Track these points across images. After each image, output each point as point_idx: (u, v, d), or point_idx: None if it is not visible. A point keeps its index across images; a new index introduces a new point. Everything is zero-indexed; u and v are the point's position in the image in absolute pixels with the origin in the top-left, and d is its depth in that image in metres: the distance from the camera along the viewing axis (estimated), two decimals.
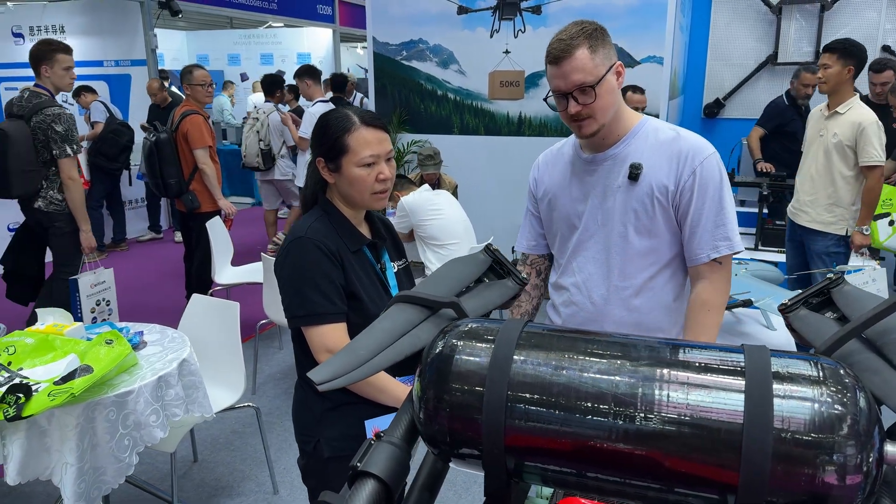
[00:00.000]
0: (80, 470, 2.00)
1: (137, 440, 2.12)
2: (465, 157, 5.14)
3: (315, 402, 1.66)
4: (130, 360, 2.20)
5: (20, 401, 1.90)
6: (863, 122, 3.41)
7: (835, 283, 1.06)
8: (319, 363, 0.86)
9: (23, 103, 3.65)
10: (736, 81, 6.81)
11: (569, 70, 1.55)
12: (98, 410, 2.02)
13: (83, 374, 2.01)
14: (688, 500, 0.73)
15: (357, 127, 1.54)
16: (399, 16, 5.29)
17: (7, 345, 2.19)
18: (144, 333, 2.51)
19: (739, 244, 1.68)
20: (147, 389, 2.12)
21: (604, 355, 0.78)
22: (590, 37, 1.57)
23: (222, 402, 2.65)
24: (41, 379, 2.06)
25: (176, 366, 2.25)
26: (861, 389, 0.70)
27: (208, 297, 2.88)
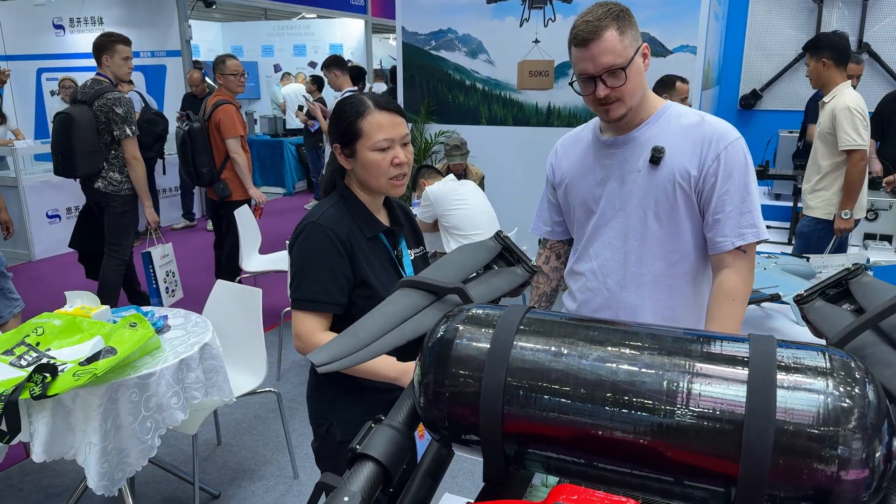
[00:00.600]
0: (104, 450, 2.04)
1: (159, 422, 2.16)
2: (493, 148, 5.11)
3: (329, 386, 1.67)
4: (153, 342, 2.24)
5: (46, 380, 1.95)
6: (836, 108, 3.47)
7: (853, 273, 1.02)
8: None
9: (86, 90, 3.97)
10: (774, 72, 6.63)
11: (598, 52, 1.52)
12: (121, 391, 2.06)
13: (107, 356, 2.05)
14: (689, 491, 0.71)
15: (371, 111, 1.54)
16: (428, 5, 5.27)
17: (36, 326, 2.25)
18: (169, 318, 2.55)
19: (765, 232, 1.63)
20: (168, 372, 2.15)
21: (604, 343, 0.76)
22: (617, 18, 1.53)
23: (244, 386, 2.69)
24: (67, 360, 2.11)
25: (197, 350, 2.28)
26: (871, 382, 0.67)
27: (232, 284, 2.92)
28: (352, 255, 1.55)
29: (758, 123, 6.72)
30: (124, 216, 4.11)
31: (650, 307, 1.70)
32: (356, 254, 1.55)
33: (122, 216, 4.10)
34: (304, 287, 1.53)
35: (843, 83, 3.56)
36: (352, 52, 10.83)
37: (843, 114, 3.43)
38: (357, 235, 1.57)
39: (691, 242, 1.67)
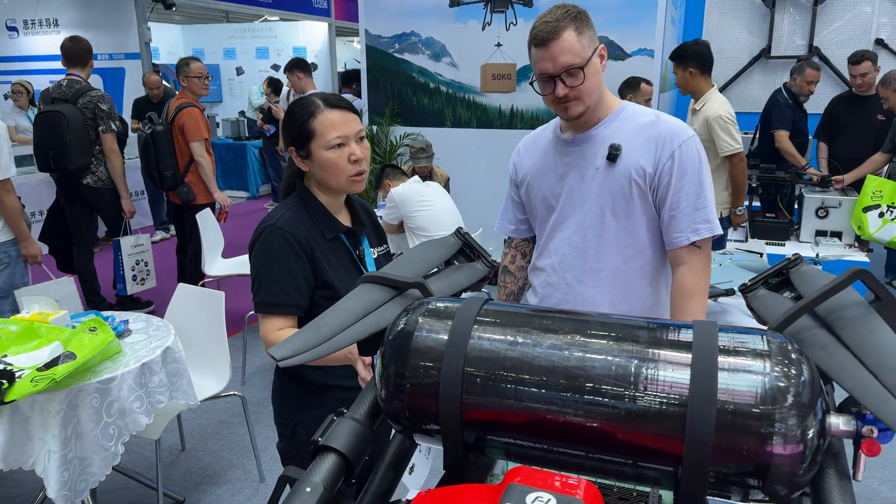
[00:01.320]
0: (64, 458, 2.01)
1: (122, 429, 2.13)
2: (457, 150, 5.15)
3: (294, 386, 1.67)
4: (114, 347, 2.21)
5: (3, 386, 1.91)
6: (709, 117, 3.64)
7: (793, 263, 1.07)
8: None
9: (63, 90, 4.21)
10: (730, 75, 6.82)
11: (557, 52, 1.55)
12: (81, 397, 2.03)
13: (66, 361, 2.02)
14: (640, 471, 0.74)
15: (321, 110, 1.54)
16: (392, 8, 5.29)
17: None
18: (130, 322, 2.52)
19: (719, 227, 1.69)
20: (130, 376, 2.13)
21: (558, 331, 0.79)
22: (575, 19, 1.57)
23: (208, 390, 2.67)
24: (25, 366, 2.07)
25: (160, 353, 2.26)
26: (806, 363, 0.71)
27: (194, 287, 2.89)
28: (311, 256, 1.55)
29: None
30: (117, 205, 4.51)
31: (608, 301, 1.74)
32: (316, 255, 1.56)
33: (114, 208, 4.51)
34: (263, 290, 1.53)
35: (710, 90, 3.75)
36: (315, 54, 10.77)
37: (717, 122, 3.59)
38: (317, 237, 1.58)
39: (647, 238, 1.72)
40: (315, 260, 1.55)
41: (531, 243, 1.96)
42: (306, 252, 1.55)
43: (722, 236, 3.84)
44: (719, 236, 1.82)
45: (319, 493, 0.74)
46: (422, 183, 3.75)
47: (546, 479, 0.70)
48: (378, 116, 5.41)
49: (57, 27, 7.51)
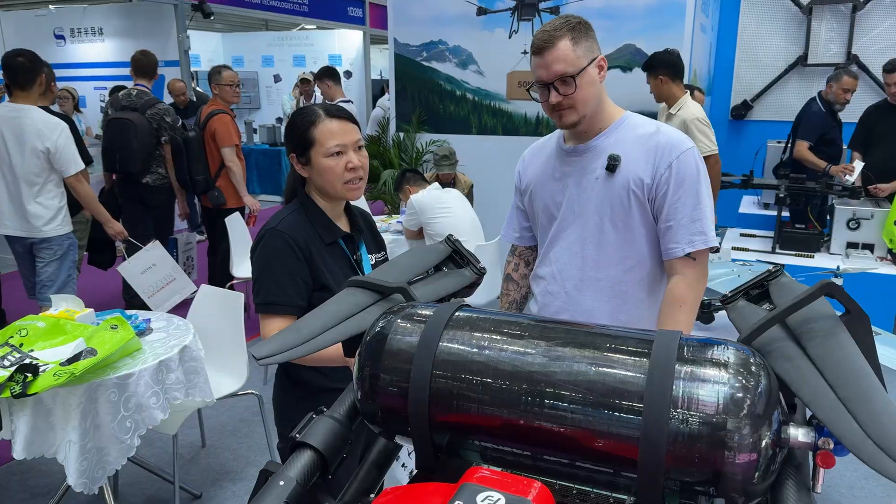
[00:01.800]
0: (83, 448, 2.10)
1: (139, 423, 2.21)
2: (482, 157, 5.18)
3: (294, 388, 1.72)
4: (133, 344, 2.30)
5: (27, 379, 2.01)
6: (686, 119, 3.77)
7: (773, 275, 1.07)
8: None
9: (132, 99, 4.60)
10: (765, 83, 6.69)
11: (551, 60, 1.59)
12: (100, 391, 2.12)
13: (88, 357, 2.11)
14: (598, 476, 0.77)
15: (322, 119, 1.61)
16: (420, 17, 5.36)
17: (20, 328, 2.31)
18: (152, 321, 2.61)
19: (714, 240, 1.68)
20: (147, 372, 2.21)
21: (523, 337, 0.82)
22: (573, 29, 1.60)
23: (226, 388, 2.74)
24: (49, 360, 2.17)
25: (177, 351, 2.34)
26: (764, 374, 0.72)
27: (215, 288, 2.98)
28: (310, 259, 1.60)
29: (748, 133, 6.78)
30: (170, 205, 4.89)
31: (607, 311, 1.75)
32: (315, 259, 1.61)
33: (168, 206, 4.87)
34: (264, 291, 1.59)
35: (683, 96, 3.88)
36: (350, 62, 10.93)
37: (695, 124, 3.74)
38: (316, 241, 1.63)
39: (646, 249, 1.73)
40: (313, 263, 1.60)
41: (535, 251, 1.98)
42: (305, 255, 1.60)
43: None
44: None
45: (292, 487, 0.78)
46: (441, 189, 3.79)
47: (501, 479, 0.73)
48: (405, 123, 5.48)
49: (101, 35, 7.80)
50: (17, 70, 3.48)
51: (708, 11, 5.56)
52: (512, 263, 2.02)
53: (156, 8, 7.40)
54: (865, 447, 0.67)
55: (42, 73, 3.60)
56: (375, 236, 1.85)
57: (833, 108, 4.89)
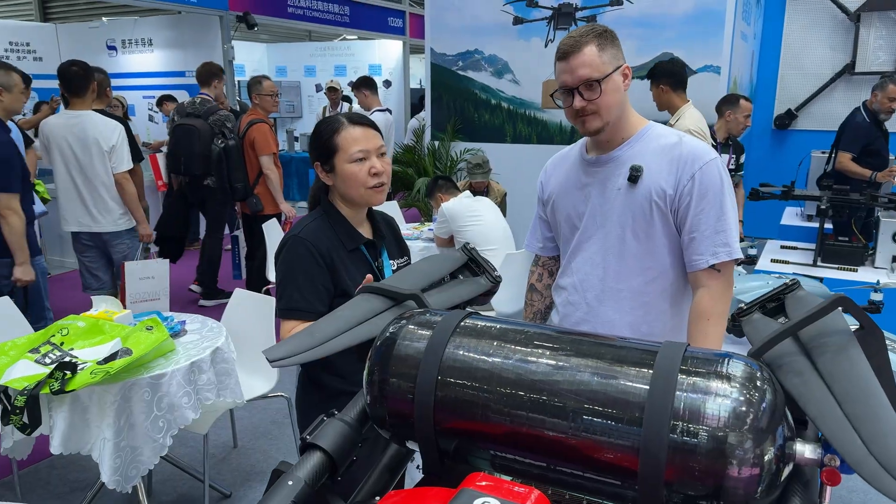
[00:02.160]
0: (117, 446, 2.17)
1: (171, 422, 2.28)
2: (516, 166, 5.18)
3: (314, 392, 1.75)
4: (167, 345, 2.37)
5: (66, 377, 2.10)
6: (683, 128, 3.78)
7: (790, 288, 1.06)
8: None
9: (196, 107, 5.00)
10: (810, 92, 6.54)
11: (576, 65, 1.59)
12: (134, 390, 2.19)
13: (123, 356, 2.19)
14: (600, 486, 0.77)
15: (344, 126, 1.64)
16: (456, 27, 5.41)
17: (61, 327, 2.41)
18: (187, 323, 2.69)
19: (738, 251, 1.66)
20: (180, 373, 2.28)
21: (528, 345, 0.83)
22: (599, 36, 1.61)
23: (256, 390, 2.80)
24: (88, 359, 2.26)
25: (209, 353, 2.40)
26: (770, 389, 0.72)
27: (248, 292, 3.05)
28: (332, 266, 1.63)
29: (792, 143, 6.62)
30: (225, 206, 5.24)
31: (628, 323, 1.74)
32: (336, 265, 1.64)
33: (220, 208, 5.26)
34: (286, 296, 1.62)
35: (684, 105, 3.88)
36: (390, 72, 11.06)
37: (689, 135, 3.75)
38: (338, 248, 1.66)
39: (668, 260, 1.71)
40: (335, 270, 1.63)
41: (558, 262, 1.97)
42: (327, 262, 1.63)
43: None
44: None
45: (300, 487, 0.80)
46: (472, 198, 3.81)
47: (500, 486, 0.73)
48: (440, 132, 5.52)
49: (151, 46, 8.08)
50: (71, 79, 3.70)
51: (750, 19, 5.46)
52: (535, 274, 2.02)
53: (202, 19, 7.63)
54: (867, 465, 0.66)
55: (93, 80, 3.83)
56: (399, 241, 1.88)
57: (878, 118, 4.74)
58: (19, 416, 2.09)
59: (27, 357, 2.25)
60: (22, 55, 8.35)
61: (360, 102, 5.72)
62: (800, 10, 6.48)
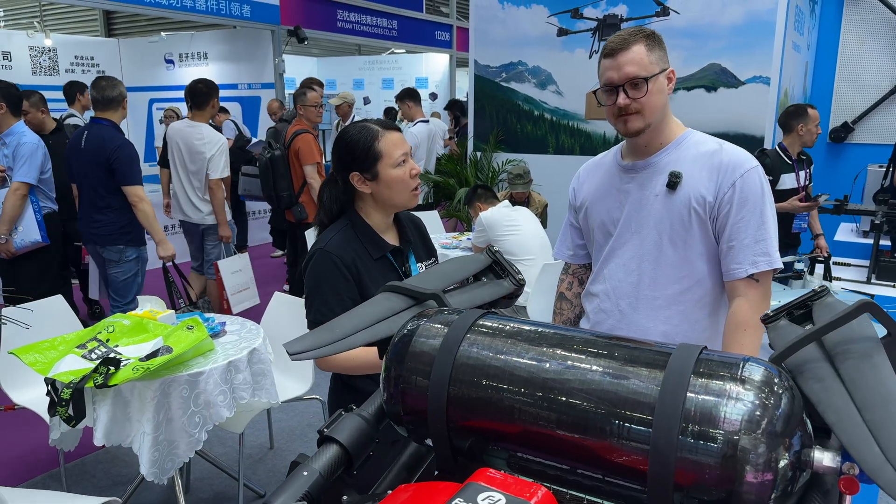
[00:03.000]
0: (156, 440, 2.24)
1: (207, 418, 2.34)
2: (559, 177, 5.13)
3: (346, 393, 1.77)
4: (206, 344, 2.44)
5: (110, 372, 2.18)
6: None
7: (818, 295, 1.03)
8: None
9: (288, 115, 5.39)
10: (867, 104, 6.31)
11: (624, 62, 1.58)
12: (173, 387, 2.26)
13: (164, 354, 2.26)
14: (610, 488, 0.76)
15: (382, 133, 1.67)
16: (500, 39, 5.43)
17: (108, 324, 2.50)
18: (227, 324, 2.76)
19: (778, 261, 1.62)
20: (217, 372, 2.34)
21: (542, 344, 0.83)
22: (648, 37, 1.61)
23: (291, 392, 2.85)
24: (131, 356, 2.34)
25: (246, 353, 2.46)
26: (787, 394, 0.70)
27: (286, 296, 3.11)
28: (358, 277, 1.64)
29: (848, 157, 6.40)
30: None
31: (662, 332, 1.70)
32: (362, 276, 1.65)
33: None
34: (314, 310, 1.64)
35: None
36: (436, 84, 11.17)
37: None
38: (364, 257, 1.67)
39: (706, 268, 1.67)
40: (361, 281, 1.64)
41: (589, 270, 1.95)
42: (353, 274, 1.64)
43: None
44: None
45: (314, 478, 0.81)
46: (510, 207, 3.80)
47: (507, 482, 0.73)
48: (482, 143, 5.54)
49: (206, 60, 8.38)
50: (196, 94, 4.39)
51: (803, 30, 5.32)
52: (565, 282, 2.00)
53: (255, 34, 7.88)
54: (884, 473, 0.64)
55: (214, 97, 4.48)
56: (426, 242, 1.88)
57: None
58: (65, 409, 2.18)
59: (75, 352, 2.35)
60: (86, 69, 8.77)
61: (403, 113, 5.79)
62: (857, 19, 6.27)
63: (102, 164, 3.66)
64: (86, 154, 3.71)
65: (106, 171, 3.67)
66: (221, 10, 6.91)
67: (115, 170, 3.66)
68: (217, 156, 4.42)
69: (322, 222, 1.78)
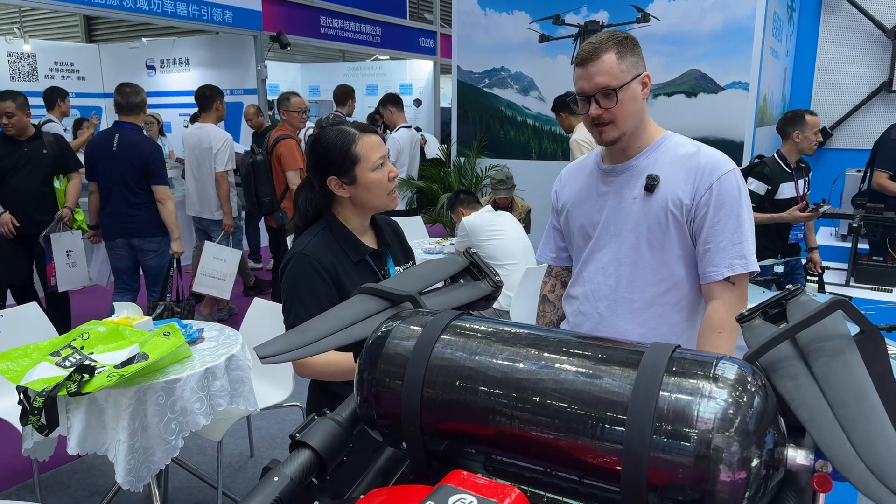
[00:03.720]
0: (131, 447, 2.20)
1: (183, 425, 2.30)
2: (541, 182, 5.15)
3: (324, 399, 1.75)
4: (183, 351, 2.40)
5: (83, 379, 2.14)
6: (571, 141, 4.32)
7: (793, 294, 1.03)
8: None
9: (329, 121, 5.47)
10: (845, 110, 6.40)
11: (594, 72, 1.57)
12: (149, 394, 2.22)
13: (140, 361, 2.22)
14: (583, 489, 0.75)
15: (359, 136, 1.65)
16: (483, 45, 5.45)
17: (83, 331, 2.46)
18: (205, 330, 2.72)
19: (755, 264, 1.62)
20: (194, 379, 2.30)
21: (516, 345, 0.82)
22: (619, 43, 1.59)
23: (272, 399, 2.82)
24: (106, 363, 2.30)
25: (224, 360, 2.43)
26: (761, 392, 0.70)
27: (266, 302, 3.08)
28: (338, 281, 1.62)
29: (827, 162, 6.47)
30: None
31: (640, 334, 1.70)
32: (342, 279, 1.62)
33: None
34: (293, 315, 1.60)
35: (579, 123, 4.30)
36: (420, 91, 11.18)
37: (573, 145, 4.25)
38: (343, 261, 1.64)
39: (683, 271, 1.67)
40: (341, 284, 1.62)
41: (571, 272, 1.95)
42: (332, 277, 1.61)
43: None
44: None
45: (285, 483, 0.79)
46: (493, 212, 3.80)
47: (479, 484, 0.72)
48: (465, 148, 5.54)
49: (188, 66, 8.32)
50: (200, 98, 4.98)
51: (781, 36, 5.39)
52: (548, 284, 1.99)
53: (237, 39, 7.84)
54: (855, 469, 0.64)
55: (217, 98, 5.01)
56: (403, 246, 1.87)
57: None
58: (38, 417, 2.13)
59: (48, 360, 2.30)
60: (66, 74, 8.68)
61: (385, 119, 5.77)
62: (834, 26, 6.37)
63: (138, 165, 4.03)
64: (119, 155, 4.02)
65: (141, 171, 4.04)
66: (203, 16, 6.87)
67: (151, 170, 4.07)
68: (222, 150, 4.86)
69: (297, 226, 1.75)
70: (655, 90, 4.73)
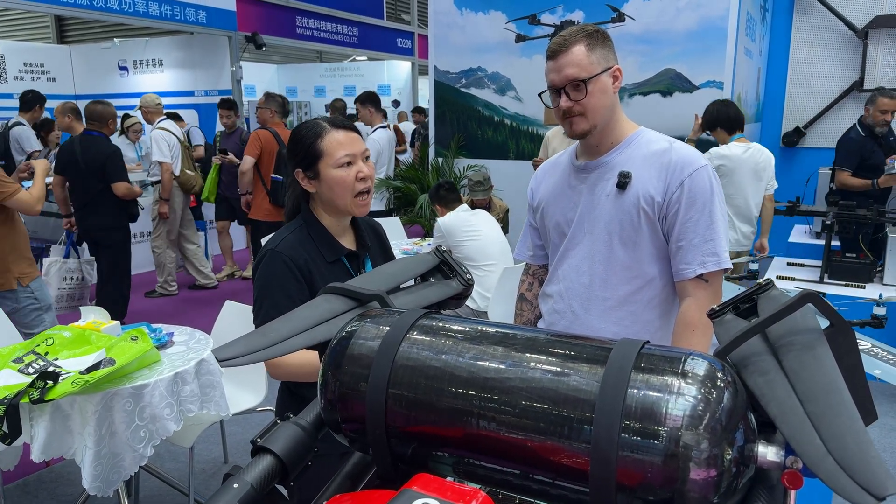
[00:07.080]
0: (98, 454, 2.13)
1: (153, 433, 2.24)
2: (519, 182, 5.15)
3: (293, 403, 1.71)
4: (151, 356, 2.34)
5: (47, 386, 2.07)
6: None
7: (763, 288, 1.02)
8: None
9: None
10: (818, 109, 6.48)
11: (563, 64, 1.56)
12: (116, 400, 2.16)
13: (106, 366, 2.16)
14: (552, 490, 0.72)
15: (328, 131, 1.59)
16: (459, 45, 5.43)
17: (47, 337, 2.39)
18: (175, 334, 2.66)
19: (727, 261, 1.61)
20: (163, 384, 2.24)
21: (483, 343, 0.79)
22: (589, 36, 1.58)
23: (244, 404, 2.76)
24: (71, 369, 2.23)
25: (193, 364, 2.37)
26: (730, 388, 0.68)
27: (238, 304, 3.02)
28: (310, 280, 1.57)
29: (801, 161, 6.56)
30: None
31: (614, 332, 1.68)
32: (315, 279, 1.57)
33: None
34: (263, 313, 1.55)
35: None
36: (398, 91, 11.15)
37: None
38: (317, 260, 1.60)
39: (657, 269, 1.66)
40: (313, 284, 1.57)
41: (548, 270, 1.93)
42: (305, 276, 1.57)
43: None
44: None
45: (245, 491, 0.76)
46: (469, 212, 3.78)
47: (443, 487, 0.70)
48: (443, 149, 5.52)
49: (161, 67, 8.20)
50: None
51: (754, 36, 5.44)
52: (525, 283, 1.97)
53: (212, 40, 7.74)
54: (825, 465, 0.62)
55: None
56: (385, 248, 1.82)
57: (873, 132, 4.70)
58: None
59: (10, 366, 2.24)
60: (36, 76, 8.52)
61: (362, 118, 5.72)
62: (806, 27, 6.45)
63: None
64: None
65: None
66: (176, 16, 6.78)
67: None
68: None
69: (287, 217, 1.73)
70: (631, 90, 4.74)
